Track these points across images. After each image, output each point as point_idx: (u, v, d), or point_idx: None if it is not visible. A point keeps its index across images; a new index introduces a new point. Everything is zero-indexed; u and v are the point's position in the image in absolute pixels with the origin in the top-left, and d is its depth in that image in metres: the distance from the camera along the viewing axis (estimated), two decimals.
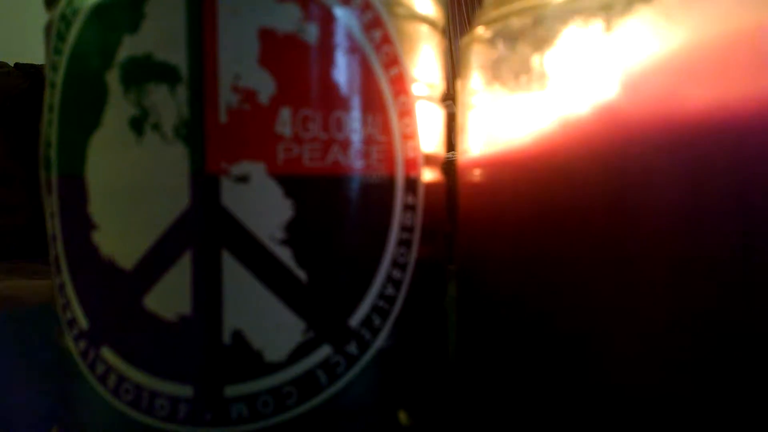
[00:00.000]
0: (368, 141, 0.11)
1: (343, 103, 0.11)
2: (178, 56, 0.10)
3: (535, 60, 0.12)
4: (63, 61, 0.12)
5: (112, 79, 0.11)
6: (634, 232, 0.11)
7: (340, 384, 0.11)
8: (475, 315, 0.14)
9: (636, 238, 0.11)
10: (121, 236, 0.11)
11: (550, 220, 0.12)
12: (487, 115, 0.14)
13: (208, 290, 0.11)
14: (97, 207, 0.11)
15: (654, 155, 0.10)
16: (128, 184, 0.11)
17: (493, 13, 0.13)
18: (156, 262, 0.11)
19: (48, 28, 0.13)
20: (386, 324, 0.12)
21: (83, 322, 0.12)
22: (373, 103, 0.12)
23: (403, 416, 0.12)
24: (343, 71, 0.11)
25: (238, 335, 0.11)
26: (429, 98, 0.13)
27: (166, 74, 0.11)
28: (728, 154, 0.10)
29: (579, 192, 0.11)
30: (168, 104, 0.11)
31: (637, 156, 0.10)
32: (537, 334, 0.12)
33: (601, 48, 0.11)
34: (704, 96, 0.10)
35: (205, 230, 0.11)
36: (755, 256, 0.10)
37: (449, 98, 0.16)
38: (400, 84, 0.12)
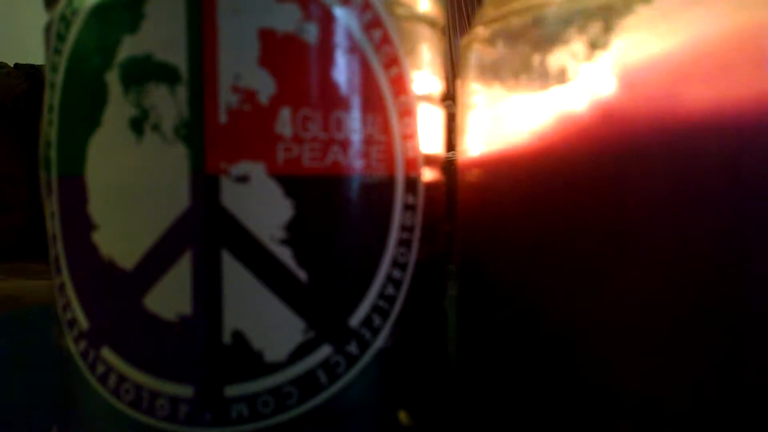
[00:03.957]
0: (368, 141, 0.11)
1: (342, 103, 0.11)
2: (178, 56, 0.10)
3: (535, 60, 0.12)
4: (63, 61, 0.12)
5: (112, 79, 0.11)
6: (633, 231, 0.11)
7: (340, 384, 0.11)
8: (476, 314, 0.14)
9: (636, 236, 0.11)
10: (121, 236, 0.11)
11: (550, 219, 0.12)
12: (487, 115, 0.14)
13: (208, 290, 0.11)
14: (97, 207, 0.11)
15: (653, 155, 0.10)
16: (128, 184, 0.11)
17: (493, 13, 0.13)
18: (156, 262, 0.11)
19: (48, 28, 0.13)
20: (386, 324, 0.12)
21: (83, 322, 0.12)
22: (373, 103, 0.12)
23: (403, 416, 0.12)
24: (343, 71, 0.11)
25: (238, 335, 0.11)
26: (429, 98, 0.13)
27: (166, 74, 0.11)
28: (727, 155, 0.10)
29: (579, 191, 0.11)
30: (168, 104, 0.11)
31: (637, 156, 0.10)
32: (538, 334, 0.12)
33: (601, 48, 0.11)
34: (704, 96, 0.10)
35: (205, 230, 0.11)
36: (753, 254, 0.10)
37: (449, 98, 0.16)
38: (400, 84, 0.12)
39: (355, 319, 0.11)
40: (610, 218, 0.11)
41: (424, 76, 0.13)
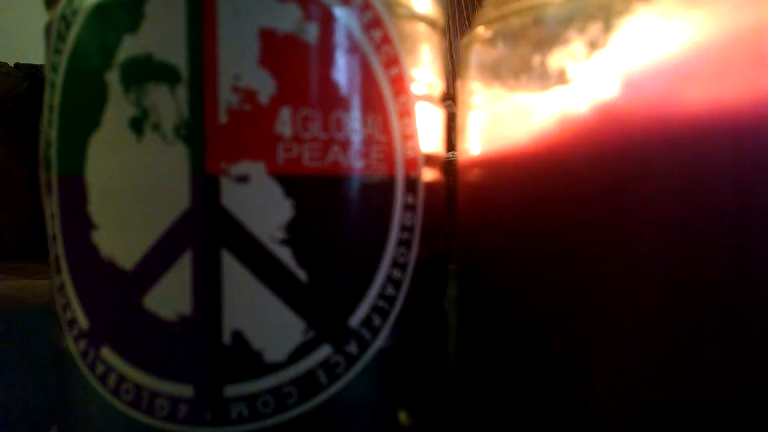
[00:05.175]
0: (368, 141, 0.11)
1: (343, 103, 0.11)
2: (178, 56, 0.10)
3: (535, 60, 0.12)
4: (63, 61, 0.12)
5: (112, 79, 0.11)
6: (633, 231, 0.11)
7: (340, 384, 0.11)
8: (475, 314, 0.14)
9: (636, 237, 0.11)
10: (121, 236, 0.11)
11: (549, 219, 0.12)
12: (487, 115, 0.14)
13: (208, 290, 0.11)
14: (97, 207, 0.11)
15: (653, 155, 0.10)
16: (128, 184, 0.11)
17: (493, 13, 0.13)
18: (156, 262, 0.11)
19: (48, 28, 0.13)
20: (386, 324, 0.12)
21: (83, 322, 0.12)
22: (373, 103, 0.12)
23: (403, 416, 0.12)
24: (343, 71, 0.11)
25: (238, 335, 0.11)
26: (429, 98, 0.13)
27: (166, 74, 0.11)
28: (727, 154, 0.10)
29: (579, 192, 0.11)
30: (168, 104, 0.11)
31: (637, 156, 0.10)
32: (537, 334, 0.12)
33: (601, 48, 0.11)
34: (704, 96, 0.10)
35: (205, 230, 0.11)
36: (754, 255, 0.10)
37: (449, 98, 0.16)
38: (400, 84, 0.12)
39: (355, 319, 0.11)
40: (610, 218, 0.11)
41: (424, 76, 0.13)
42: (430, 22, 0.13)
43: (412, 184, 0.12)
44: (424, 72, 0.13)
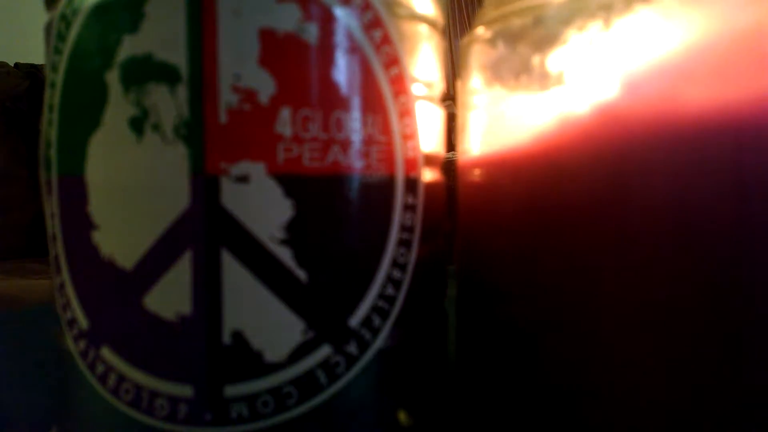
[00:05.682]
0: (368, 141, 0.11)
1: (343, 103, 0.11)
2: (178, 56, 0.10)
3: (535, 60, 0.12)
4: (63, 61, 0.12)
5: (112, 79, 0.11)
6: (633, 231, 0.11)
7: (340, 384, 0.11)
8: (475, 314, 0.14)
9: (635, 237, 0.11)
10: (121, 236, 0.11)
11: (549, 219, 0.12)
12: (487, 115, 0.14)
13: (208, 290, 0.11)
14: (97, 207, 0.11)
15: (654, 155, 0.10)
16: (128, 184, 0.11)
17: (493, 13, 0.13)
18: (156, 262, 0.11)
19: (48, 28, 0.13)
20: (386, 324, 0.12)
21: (83, 322, 0.12)
22: (373, 103, 0.12)
23: (403, 416, 0.12)
24: (343, 71, 0.11)
25: (238, 335, 0.11)
26: (429, 98, 0.13)
27: (166, 74, 0.11)
28: (727, 155, 0.10)
29: (579, 192, 0.11)
30: (168, 104, 0.11)
31: (637, 156, 0.10)
32: (537, 334, 0.12)
33: (601, 48, 0.11)
34: (704, 96, 0.10)
35: (205, 230, 0.11)
36: (754, 254, 0.10)
37: (449, 98, 0.16)
38: (400, 84, 0.12)
39: (355, 320, 0.11)
40: (610, 219, 0.11)
41: (424, 76, 0.13)
42: (431, 23, 0.13)
43: (412, 184, 0.12)
44: (424, 72, 0.13)
